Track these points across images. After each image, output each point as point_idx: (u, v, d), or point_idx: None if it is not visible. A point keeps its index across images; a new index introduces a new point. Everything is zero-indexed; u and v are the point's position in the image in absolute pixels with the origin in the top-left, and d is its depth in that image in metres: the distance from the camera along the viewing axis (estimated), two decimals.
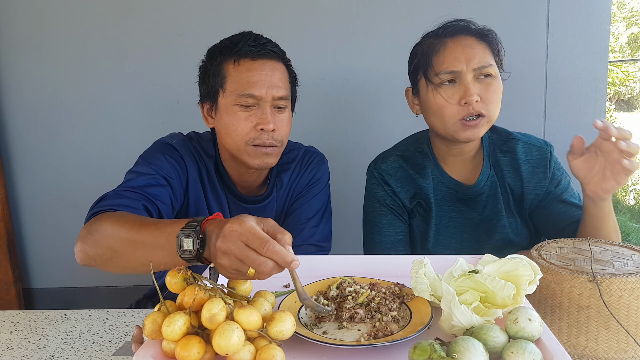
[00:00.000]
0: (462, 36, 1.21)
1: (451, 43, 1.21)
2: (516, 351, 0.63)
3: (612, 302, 0.81)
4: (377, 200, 1.36)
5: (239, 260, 0.70)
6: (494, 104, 1.19)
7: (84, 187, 2.16)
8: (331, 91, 2.06)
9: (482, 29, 1.24)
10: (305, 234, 1.31)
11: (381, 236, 1.35)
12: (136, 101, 2.10)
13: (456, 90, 1.19)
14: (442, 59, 1.20)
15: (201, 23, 2.04)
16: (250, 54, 1.17)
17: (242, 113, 1.16)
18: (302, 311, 0.84)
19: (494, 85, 1.19)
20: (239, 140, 1.17)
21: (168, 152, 1.22)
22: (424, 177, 1.33)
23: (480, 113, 1.18)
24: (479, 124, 1.19)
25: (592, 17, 1.93)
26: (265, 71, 1.16)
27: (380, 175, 1.36)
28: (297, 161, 1.36)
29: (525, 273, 0.76)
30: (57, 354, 1.04)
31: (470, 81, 1.18)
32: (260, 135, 1.16)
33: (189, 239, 0.76)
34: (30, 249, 2.28)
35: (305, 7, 2.01)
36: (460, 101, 1.18)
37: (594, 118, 2.01)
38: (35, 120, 2.15)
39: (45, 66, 2.11)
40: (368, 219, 1.39)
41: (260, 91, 1.15)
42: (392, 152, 1.40)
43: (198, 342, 0.63)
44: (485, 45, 1.21)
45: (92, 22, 2.07)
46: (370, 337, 0.73)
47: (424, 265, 0.82)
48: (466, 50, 1.19)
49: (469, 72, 1.18)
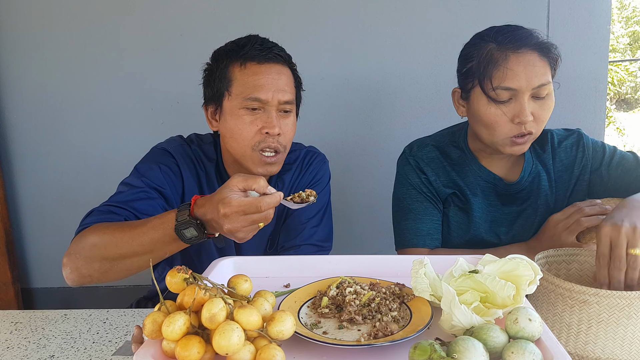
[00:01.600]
0: (525, 50, 1.17)
1: (514, 58, 1.16)
2: (516, 351, 0.63)
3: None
4: (413, 187, 1.35)
5: (249, 226, 0.88)
6: (545, 122, 1.21)
7: (84, 187, 2.16)
8: (331, 91, 2.06)
9: (546, 43, 1.20)
10: (306, 234, 1.30)
11: (417, 223, 1.33)
12: (136, 101, 2.10)
13: (511, 107, 1.17)
14: (502, 74, 1.16)
15: (201, 23, 2.04)
16: (257, 58, 1.16)
17: (247, 117, 1.16)
18: (302, 311, 0.84)
19: (547, 103, 1.19)
20: (244, 145, 1.17)
21: (163, 160, 1.22)
22: (461, 172, 1.34)
23: (530, 132, 1.18)
24: (526, 141, 1.20)
25: (592, 17, 1.94)
26: (272, 75, 1.16)
27: (416, 163, 1.35)
28: (298, 162, 1.36)
29: (526, 273, 0.76)
30: (57, 353, 1.04)
31: (527, 100, 1.17)
32: (265, 138, 1.16)
33: (189, 229, 0.91)
34: (29, 249, 2.28)
35: (305, 7, 2.01)
36: (514, 119, 1.17)
37: (594, 118, 2.02)
38: (35, 120, 2.15)
39: (45, 66, 2.11)
40: (402, 205, 1.36)
41: (266, 95, 1.15)
42: (427, 141, 1.39)
43: (198, 342, 0.63)
44: (546, 62, 1.19)
45: (92, 22, 2.07)
46: (371, 337, 0.73)
47: (424, 265, 0.82)
48: (528, 68, 1.16)
49: (527, 91, 1.16)
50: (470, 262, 0.85)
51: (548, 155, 1.35)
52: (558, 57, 1.22)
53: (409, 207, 1.35)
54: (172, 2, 2.04)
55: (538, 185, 1.33)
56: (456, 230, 1.36)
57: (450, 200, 1.35)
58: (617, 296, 0.81)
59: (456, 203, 1.35)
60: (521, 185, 1.33)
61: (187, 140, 1.32)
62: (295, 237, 1.29)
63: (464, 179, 1.33)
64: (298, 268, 1.01)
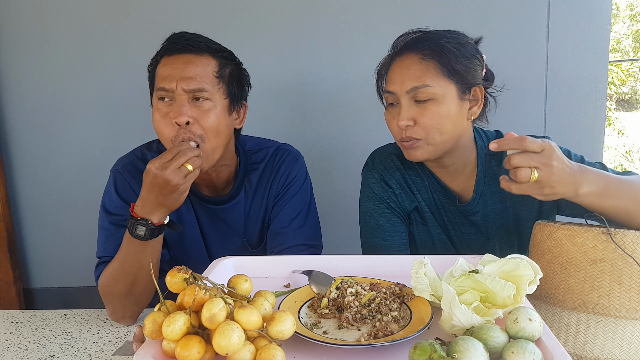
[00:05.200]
0: (406, 54, 1.15)
1: (396, 62, 1.17)
2: (516, 351, 0.63)
3: (625, 256, 0.81)
4: (379, 201, 1.28)
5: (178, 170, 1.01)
6: (431, 128, 1.12)
7: (84, 187, 2.16)
8: (331, 91, 2.06)
9: (433, 44, 1.12)
10: (292, 236, 1.27)
11: (386, 240, 1.27)
12: (136, 101, 2.10)
13: (396, 112, 1.16)
14: (388, 78, 1.18)
15: (201, 24, 2.03)
16: (168, 51, 1.17)
17: (161, 108, 1.14)
18: (302, 311, 0.84)
19: (430, 109, 1.11)
20: (165, 140, 1.15)
21: (118, 183, 1.25)
22: (421, 185, 1.28)
23: (413, 138, 1.13)
24: (413, 146, 1.14)
25: (592, 16, 1.93)
26: (178, 65, 1.13)
27: (381, 176, 1.29)
28: (266, 160, 1.32)
29: (526, 273, 0.76)
30: (58, 353, 1.04)
31: (406, 104, 1.13)
32: (178, 132, 1.12)
33: (137, 227, 1.05)
34: (30, 249, 2.28)
35: (305, 7, 2.01)
36: (397, 123, 1.14)
37: (594, 118, 2.02)
38: (35, 120, 2.15)
39: (45, 66, 2.11)
40: (369, 221, 1.29)
41: (170, 84, 1.12)
42: (389, 149, 1.33)
43: (198, 341, 0.63)
44: (432, 66, 1.11)
45: (92, 21, 2.07)
46: (371, 337, 0.73)
47: (424, 265, 0.82)
48: (403, 72, 1.13)
49: (403, 95, 1.13)
50: (471, 262, 0.85)
51: (501, 172, 1.21)
52: (462, 56, 1.12)
53: (377, 223, 1.28)
54: (172, 3, 2.04)
55: (491, 208, 1.25)
56: (422, 250, 1.31)
57: (412, 217, 1.31)
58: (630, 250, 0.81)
59: (418, 220, 1.30)
60: (474, 208, 1.25)
61: (133, 154, 1.31)
62: (283, 242, 1.27)
63: (422, 194, 1.28)
64: (298, 267, 1.01)
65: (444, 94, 1.11)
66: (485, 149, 1.26)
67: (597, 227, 0.83)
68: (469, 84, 1.14)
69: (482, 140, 1.26)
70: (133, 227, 1.05)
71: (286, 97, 2.05)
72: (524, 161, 0.87)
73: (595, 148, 2.01)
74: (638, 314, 0.82)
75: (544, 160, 0.87)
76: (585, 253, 0.85)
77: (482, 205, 1.25)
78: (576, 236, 0.85)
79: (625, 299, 0.82)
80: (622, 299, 0.82)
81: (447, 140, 1.15)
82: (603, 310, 0.84)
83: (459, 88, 1.13)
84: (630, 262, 0.81)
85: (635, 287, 0.81)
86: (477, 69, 1.16)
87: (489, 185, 1.25)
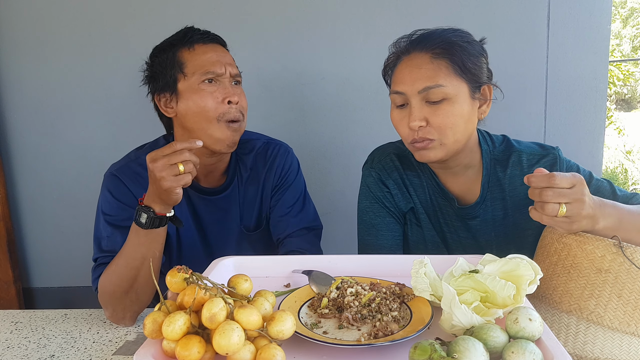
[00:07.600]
0: (415, 53, 1.12)
1: (404, 62, 1.14)
2: (516, 351, 0.63)
3: (632, 269, 0.82)
4: (376, 200, 1.29)
5: (170, 170, 1.00)
6: (445, 129, 1.09)
7: (84, 187, 2.16)
8: (331, 91, 2.06)
9: (443, 42, 1.10)
10: (294, 221, 1.35)
11: (378, 239, 1.28)
12: (136, 101, 2.10)
13: (405, 113, 1.13)
14: (395, 78, 1.15)
15: (201, 24, 2.01)
16: (202, 40, 1.27)
17: (209, 88, 1.22)
18: (302, 311, 0.84)
19: (444, 109, 1.08)
20: (210, 117, 1.21)
21: (113, 186, 1.26)
22: (418, 185, 1.27)
23: (426, 138, 1.11)
24: (427, 147, 1.11)
25: (592, 16, 1.93)
26: (219, 52, 1.26)
27: (378, 175, 1.29)
28: (255, 152, 1.39)
29: (526, 273, 0.76)
30: (58, 353, 1.04)
31: (418, 105, 1.10)
32: (228, 109, 1.22)
33: (141, 215, 1.07)
34: (30, 249, 2.28)
35: (305, 7, 2.01)
36: (408, 124, 1.12)
37: (594, 118, 2.02)
38: (36, 120, 2.15)
39: (45, 66, 2.11)
40: (365, 219, 1.31)
41: (220, 69, 1.23)
42: (389, 149, 1.32)
43: (198, 341, 0.63)
44: (443, 63, 1.09)
45: (92, 21, 2.07)
46: (371, 337, 0.73)
47: (424, 265, 0.82)
48: (413, 71, 1.10)
49: (414, 95, 1.10)
50: (471, 262, 0.85)
51: (506, 179, 1.22)
52: (470, 55, 1.11)
53: (372, 222, 1.29)
54: (172, 3, 2.04)
55: (491, 214, 1.23)
56: (414, 251, 1.30)
57: (407, 218, 1.30)
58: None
59: (412, 220, 1.29)
60: (475, 212, 1.23)
61: (127, 157, 1.34)
62: (285, 228, 1.35)
63: (420, 195, 1.27)
64: (298, 267, 1.01)
65: (457, 93, 1.09)
66: (490, 153, 1.24)
67: (609, 239, 0.84)
68: (479, 83, 1.13)
69: (487, 145, 1.24)
70: (138, 214, 1.09)
71: (286, 97, 2.06)
72: (555, 198, 0.87)
73: (595, 148, 2.01)
74: (630, 328, 0.83)
75: (576, 197, 0.87)
76: (592, 261, 0.85)
77: (483, 210, 1.24)
78: (586, 243, 0.86)
79: (621, 312, 0.83)
80: (617, 311, 0.83)
81: (460, 139, 1.13)
82: (597, 319, 0.84)
83: (470, 87, 1.11)
84: (634, 277, 0.81)
85: (634, 302, 0.82)
86: (484, 68, 1.15)
87: (492, 191, 1.23)
